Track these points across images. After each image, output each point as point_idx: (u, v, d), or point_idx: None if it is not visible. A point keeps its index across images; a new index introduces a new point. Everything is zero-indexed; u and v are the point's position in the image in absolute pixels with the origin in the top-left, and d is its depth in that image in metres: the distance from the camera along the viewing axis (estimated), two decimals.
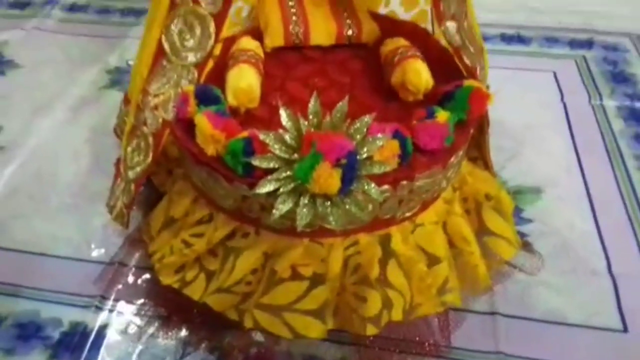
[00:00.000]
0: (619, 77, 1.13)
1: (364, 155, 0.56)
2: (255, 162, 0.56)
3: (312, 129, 0.56)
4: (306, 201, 0.55)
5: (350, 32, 0.77)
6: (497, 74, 1.10)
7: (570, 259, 0.79)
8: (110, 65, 1.17)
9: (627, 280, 0.76)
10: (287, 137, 0.56)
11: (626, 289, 0.75)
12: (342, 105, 0.56)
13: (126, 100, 0.93)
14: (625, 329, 0.72)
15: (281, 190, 0.55)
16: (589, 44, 1.23)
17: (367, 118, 0.56)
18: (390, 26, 0.81)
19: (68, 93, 1.09)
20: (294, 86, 0.72)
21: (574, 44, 1.23)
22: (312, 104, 0.57)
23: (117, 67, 1.16)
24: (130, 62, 1.16)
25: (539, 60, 1.19)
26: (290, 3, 0.78)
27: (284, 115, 0.56)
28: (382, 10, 0.86)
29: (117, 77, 1.13)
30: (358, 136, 0.56)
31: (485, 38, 1.22)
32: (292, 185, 0.55)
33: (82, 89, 1.11)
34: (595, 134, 0.99)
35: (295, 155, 0.55)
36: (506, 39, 1.25)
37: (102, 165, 0.93)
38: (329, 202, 0.55)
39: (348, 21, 0.77)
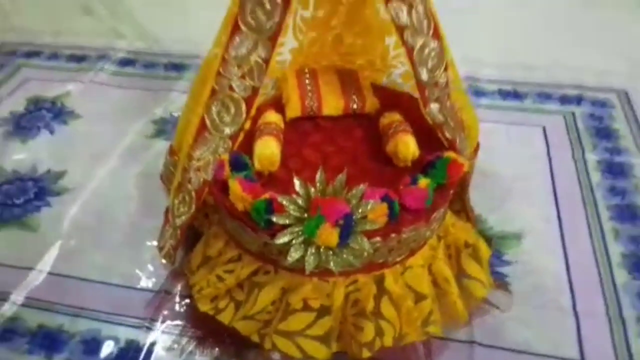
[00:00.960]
0: (603, 132, 1.25)
1: (359, 216, 0.72)
2: (275, 219, 0.72)
3: (318, 195, 0.73)
4: (313, 251, 0.71)
5: (355, 106, 0.94)
6: (492, 128, 1.28)
7: (542, 297, 0.92)
8: (156, 116, 1.35)
9: (588, 317, 0.89)
10: (299, 200, 0.72)
11: (586, 324, 0.88)
12: (342, 176, 0.73)
13: (171, 152, 1.11)
14: None
15: (294, 241, 0.71)
16: (578, 100, 1.35)
17: (361, 186, 0.73)
18: (389, 97, 0.97)
19: (120, 142, 1.27)
20: (307, 152, 0.89)
21: (564, 99, 1.36)
22: (319, 175, 0.73)
23: (162, 117, 1.34)
24: (174, 114, 1.34)
25: (531, 115, 1.32)
26: (307, 81, 0.96)
27: (297, 184, 0.73)
28: (385, 81, 1.04)
29: (162, 127, 1.31)
30: (354, 201, 0.72)
31: (484, 94, 1.40)
32: (302, 238, 0.71)
33: (132, 138, 1.29)
34: (575, 186, 1.12)
35: (305, 215, 0.72)
36: (503, 94, 1.39)
37: (150, 206, 1.10)
38: (330, 252, 0.71)
39: (354, 97, 0.94)
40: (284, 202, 0.72)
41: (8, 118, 1.36)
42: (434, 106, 0.83)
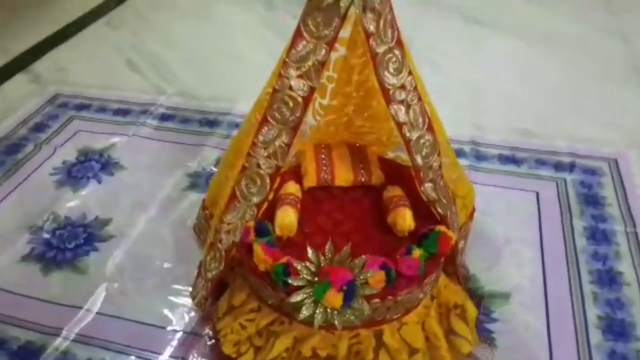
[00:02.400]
0: (591, 200, 1.38)
1: (361, 282, 0.87)
2: (290, 280, 0.87)
3: (327, 262, 0.88)
4: (321, 310, 0.85)
5: (363, 179, 1.09)
6: (490, 191, 1.42)
7: (523, 353, 1.04)
8: (191, 169, 1.52)
9: None
10: (311, 267, 0.88)
11: None
12: (347, 248, 0.88)
13: (204, 206, 1.27)
14: None
15: (305, 301, 0.86)
16: (571, 167, 1.48)
17: (363, 257, 0.87)
18: (393, 169, 1.12)
19: (158, 193, 1.44)
20: (321, 219, 1.04)
21: (558, 166, 1.48)
22: (328, 245, 0.88)
23: (195, 171, 1.51)
24: (206, 169, 1.51)
25: (526, 181, 1.45)
26: (323, 156, 1.12)
27: (310, 252, 0.88)
28: (390, 154, 1.19)
29: (196, 181, 1.48)
30: (357, 269, 0.87)
31: (486, 158, 1.54)
32: (312, 299, 0.86)
33: (169, 189, 1.45)
34: (561, 250, 1.24)
35: (316, 279, 0.87)
36: (502, 159, 1.52)
37: (183, 253, 1.26)
38: (335, 311, 0.85)
39: (362, 170, 1.10)
40: (299, 267, 0.88)
41: (61, 167, 1.54)
42: (428, 185, 0.97)
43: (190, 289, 1.15)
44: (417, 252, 0.91)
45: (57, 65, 2.06)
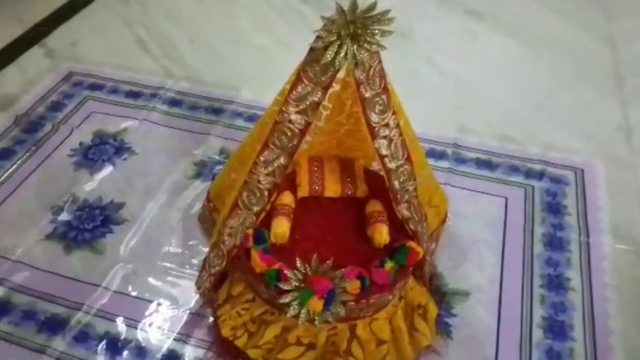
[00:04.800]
0: (553, 208, 1.53)
1: (339, 290, 1.04)
2: (281, 285, 1.05)
3: (313, 272, 1.05)
4: (305, 311, 1.03)
5: (349, 192, 1.25)
6: (464, 194, 1.58)
7: (473, 346, 1.23)
8: (197, 158, 1.66)
9: None
10: (299, 275, 1.05)
11: None
12: (329, 263, 1.04)
13: (208, 199, 1.43)
14: None
15: (292, 303, 1.04)
16: (540, 175, 1.62)
17: (342, 270, 1.05)
18: (377, 181, 1.28)
19: (166, 180, 1.59)
20: (310, 226, 1.20)
21: (529, 173, 1.62)
22: (314, 258, 1.05)
23: (201, 160, 1.65)
24: (211, 157, 1.66)
25: (498, 186, 1.59)
26: (315, 169, 1.27)
27: (298, 262, 1.05)
28: (375, 165, 1.34)
29: (201, 170, 1.63)
30: (337, 280, 1.04)
31: (464, 161, 1.69)
32: (298, 301, 1.03)
33: (176, 177, 1.61)
34: (519, 254, 1.41)
35: (303, 285, 1.04)
36: (479, 163, 1.65)
37: (189, 240, 1.44)
38: (316, 314, 1.04)
39: (349, 184, 1.25)
40: (288, 274, 1.05)
41: (78, 149, 1.69)
42: (403, 205, 1.14)
43: (195, 273, 1.33)
44: (388, 265, 1.09)
45: (69, 39, 2.16)
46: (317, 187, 1.25)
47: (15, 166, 1.63)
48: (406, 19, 2.26)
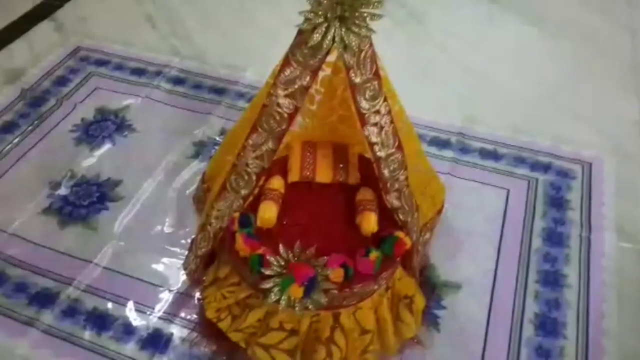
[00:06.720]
0: (556, 202, 1.49)
1: (321, 278, 1.03)
2: (263, 270, 1.04)
3: (296, 259, 1.03)
4: (285, 297, 1.02)
5: (341, 178, 1.22)
6: (466, 185, 1.54)
7: (460, 340, 1.21)
8: (196, 138, 1.66)
9: None
10: (281, 261, 1.03)
11: None
12: (312, 250, 1.03)
13: (203, 179, 1.43)
14: None
15: (274, 288, 1.03)
16: (546, 168, 1.58)
17: (325, 258, 1.03)
18: (371, 169, 1.25)
19: (165, 158, 1.59)
20: (299, 212, 1.18)
21: (535, 166, 1.58)
22: (297, 244, 1.04)
23: (200, 140, 1.65)
24: (211, 137, 1.65)
25: (501, 177, 1.55)
26: (308, 154, 1.25)
27: (281, 248, 1.04)
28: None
29: (200, 150, 1.62)
30: (319, 268, 1.03)
31: (469, 151, 1.65)
32: (279, 287, 1.02)
33: (175, 156, 1.60)
34: (516, 248, 1.38)
35: (285, 271, 1.03)
36: (483, 153, 1.62)
37: (183, 220, 1.43)
38: (297, 300, 1.02)
39: (341, 171, 1.23)
40: (270, 260, 1.04)
41: (80, 125, 1.70)
42: (393, 195, 1.11)
43: (186, 253, 1.33)
44: (374, 255, 1.07)
45: (79, 14, 2.16)
46: (308, 173, 1.23)
47: (17, 139, 1.64)
48: (420, 2, 2.21)
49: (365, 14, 0.90)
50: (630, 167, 1.60)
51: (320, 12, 0.89)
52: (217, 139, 1.65)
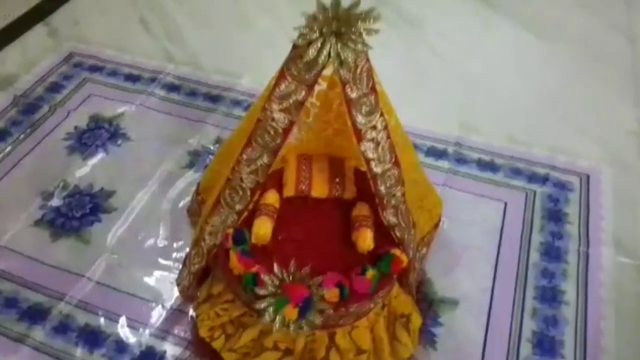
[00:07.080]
0: (554, 215, 1.48)
1: (317, 298, 1.01)
2: (257, 289, 1.02)
3: (290, 278, 1.02)
4: (279, 318, 1.00)
5: (337, 193, 1.21)
6: (462, 198, 1.52)
7: (457, 358, 1.20)
8: (191, 147, 1.63)
9: None
10: (275, 280, 1.02)
11: None
12: (307, 269, 1.01)
13: (197, 191, 1.41)
14: None
15: (268, 309, 1.01)
16: (544, 180, 1.56)
17: (320, 277, 1.01)
18: (367, 183, 1.23)
19: (159, 168, 1.56)
20: (294, 227, 1.17)
21: (532, 177, 1.56)
22: (291, 265, 1.02)
23: (195, 149, 1.62)
24: (205, 147, 1.63)
25: (498, 189, 1.53)
26: (304, 167, 1.23)
27: (276, 269, 1.02)
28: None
29: (194, 160, 1.59)
30: (314, 287, 1.01)
31: (466, 162, 1.63)
32: (273, 308, 1.01)
33: (169, 165, 1.58)
34: (514, 263, 1.36)
35: (279, 291, 1.01)
36: (481, 165, 1.59)
37: (177, 233, 1.41)
38: (291, 321, 1.01)
39: (337, 185, 1.21)
40: (266, 280, 1.02)
41: (73, 133, 1.67)
42: (389, 211, 1.10)
43: (179, 267, 1.31)
44: (370, 273, 1.05)
45: (73, 18, 2.13)
46: (303, 187, 1.21)
47: (9, 148, 1.62)
48: (416, 7, 2.19)
49: (361, 29, 0.89)
50: (628, 179, 1.58)
51: (315, 28, 0.87)
52: (212, 148, 1.63)
